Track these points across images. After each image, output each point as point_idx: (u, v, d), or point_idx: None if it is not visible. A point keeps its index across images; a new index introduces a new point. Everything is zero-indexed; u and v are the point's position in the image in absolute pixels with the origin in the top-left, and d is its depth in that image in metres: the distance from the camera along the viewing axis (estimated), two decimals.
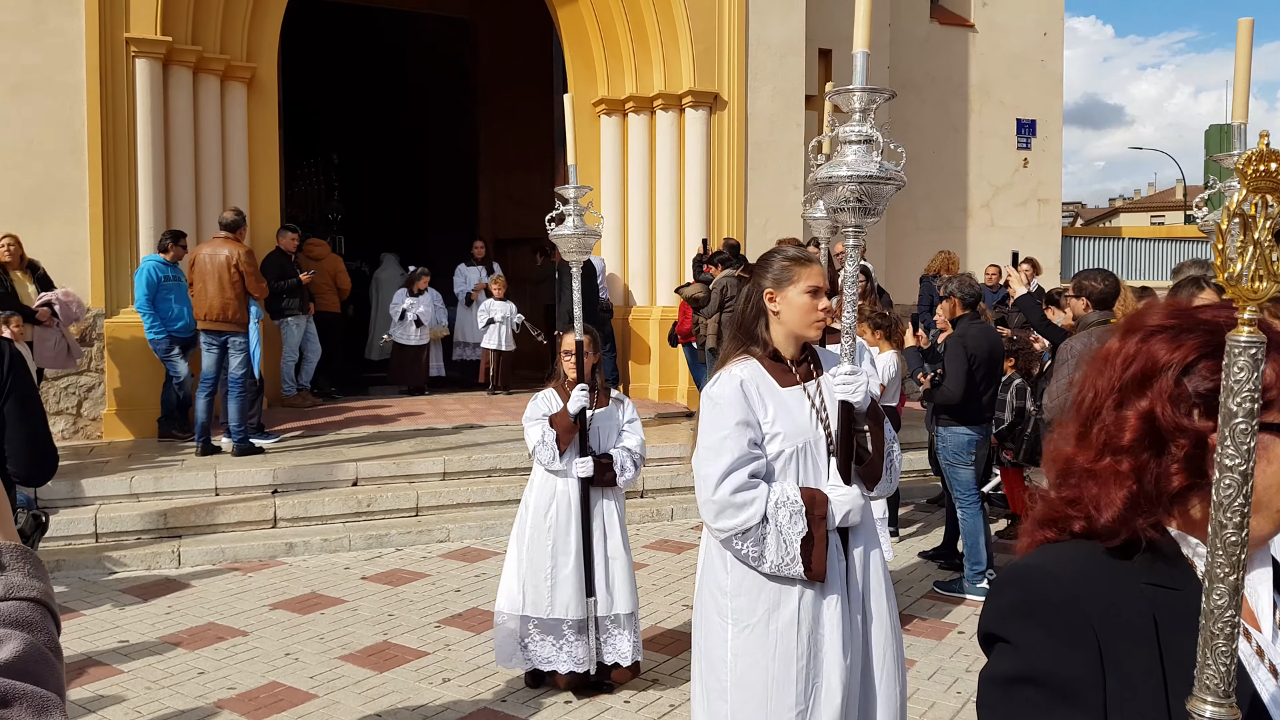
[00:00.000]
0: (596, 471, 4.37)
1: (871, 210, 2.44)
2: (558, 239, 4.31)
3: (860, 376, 2.63)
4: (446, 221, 17.57)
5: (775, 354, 2.75)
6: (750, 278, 2.84)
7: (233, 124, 9.42)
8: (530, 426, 4.41)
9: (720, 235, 10.52)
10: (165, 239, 8.22)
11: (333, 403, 10.59)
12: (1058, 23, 14.58)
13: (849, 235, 2.53)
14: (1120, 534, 1.15)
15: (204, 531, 6.90)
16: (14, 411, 2.83)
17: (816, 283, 2.72)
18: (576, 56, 11.14)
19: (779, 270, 2.74)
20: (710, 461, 2.61)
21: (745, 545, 2.59)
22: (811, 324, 2.72)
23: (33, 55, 8.22)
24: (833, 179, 2.43)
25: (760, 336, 2.76)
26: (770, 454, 2.66)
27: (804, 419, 2.70)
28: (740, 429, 2.61)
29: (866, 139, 2.42)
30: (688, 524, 7.71)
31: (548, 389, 4.54)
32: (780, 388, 2.71)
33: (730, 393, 2.65)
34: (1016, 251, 11.11)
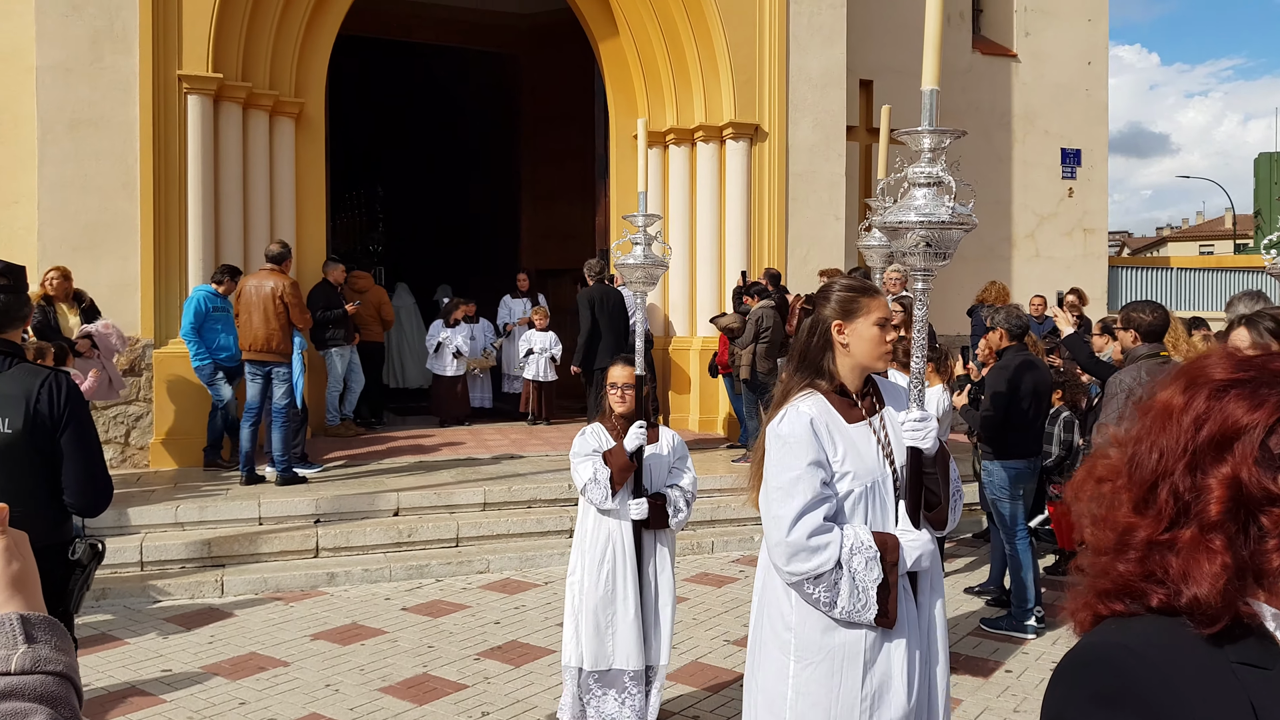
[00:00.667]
0: (651, 513, 4.15)
1: (942, 254, 2.39)
2: (623, 269, 4.14)
3: (931, 422, 2.58)
4: (490, 253, 17.74)
5: (841, 388, 2.69)
6: (813, 308, 2.77)
7: (281, 158, 9.60)
8: (579, 463, 4.17)
9: (761, 266, 10.51)
10: (221, 273, 8.38)
11: (374, 432, 10.69)
12: (1102, 52, 14.48)
13: (918, 279, 2.48)
14: (1222, 617, 1.05)
15: (247, 561, 6.95)
16: (71, 443, 2.88)
17: (885, 314, 2.68)
18: (618, 90, 11.23)
19: (847, 302, 2.68)
20: (782, 503, 2.55)
21: (818, 590, 2.53)
22: (880, 355, 2.68)
23: (89, 93, 8.44)
24: (902, 224, 2.37)
25: (826, 369, 2.70)
26: (839, 493, 2.60)
27: (872, 457, 2.65)
28: (813, 469, 2.55)
29: (936, 181, 2.36)
30: (728, 557, 7.65)
31: (594, 424, 4.34)
32: (846, 424, 2.65)
33: (801, 431, 2.58)
34: (1061, 292, 10.99)
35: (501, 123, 16.39)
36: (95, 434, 3.02)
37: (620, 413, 4.24)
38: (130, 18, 8.50)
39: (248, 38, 9.11)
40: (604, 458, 4.12)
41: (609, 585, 4.13)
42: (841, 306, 2.68)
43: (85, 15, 8.41)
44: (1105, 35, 14.50)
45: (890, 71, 12.34)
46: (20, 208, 8.85)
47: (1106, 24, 14.47)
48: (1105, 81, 14.51)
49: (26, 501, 2.87)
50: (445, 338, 11.32)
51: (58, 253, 8.31)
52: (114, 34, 8.48)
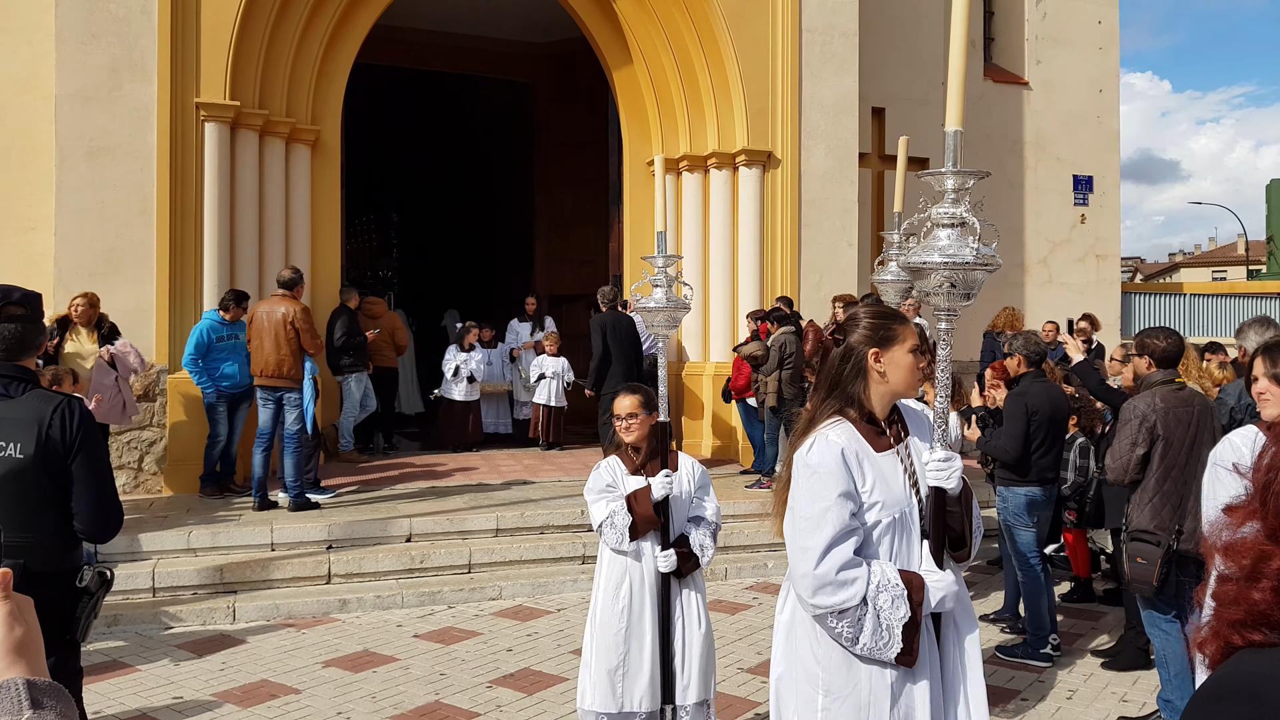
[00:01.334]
0: (679, 561, 3.89)
1: (965, 295, 2.38)
2: (644, 312, 4.02)
3: (956, 461, 2.54)
4: (505, 278, 17.81)
5: (870, 416, 2.65)
6: (844, 336, 2.73)
7: (296, 185, 9.67)
8: (595, 501, 3.95)
9: (774, 291, 10.51)
10: (228, 298, 8.40)
11: (387, 458, 10.70)
12: (1113, 79, 14.50)
13: (941, 319, 2.47)
14: None
15: (259, 587, 6.94)
16: (83, 469, 2.89)
17: (916, 341, 2.66)
18: (632, 117, 11.29)
19: (882, 329, 2.65)
20: (810, 534, 2.51)
21: (841, 625, 2.50)
22: (914, 384, 2.67)
23: (108, 121, 8.53)
24: (926, 265, 2.37)
25: (857, 398, 2.65)
26: (867, 523, 2.56)
27: (899, 486, 2.61)
28: (842, 501, 2.51)
29: (960, 222, 2.36)
30: (742, 584, 7.60)
31: (610, 457, 4.09)
32: (875, 453, 2.61)
33: (832, 462, 2.54)
34: (1072, 319, 10.97)
35: (516, 149, 16.49)
36: (107, 460, 3.02)
37: (630, 442, 4.04)
38: (149, 46, 8.60)
39: (265, 66, 9.20)
40: (629, 503, 3.89)
41: (623, 622, 3.89)
42: (877, 334, 2.65)
43: (104, 44, 8.52)
44: (1116, 63, 14.53)
45: (902, 100, 12.37)
46: (37, 234, 8.92)
47: (1117, 52, 14.50)
48: (1116, 109, 14.52)
49: (36, 527, 2.87)
50: (462, 361, 11.15)
51: (74, 279, 8.37)
52: (133, 62, 8.58)
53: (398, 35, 13.05)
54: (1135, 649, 5.77)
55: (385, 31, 11.30)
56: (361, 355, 10.00)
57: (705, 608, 4.02)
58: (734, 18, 10.50)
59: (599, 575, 4.03)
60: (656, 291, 3.99)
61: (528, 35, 14.36)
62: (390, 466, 10.05)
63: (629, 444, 4.06)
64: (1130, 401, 5.07)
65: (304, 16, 9.42)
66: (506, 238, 17.53)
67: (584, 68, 13.06)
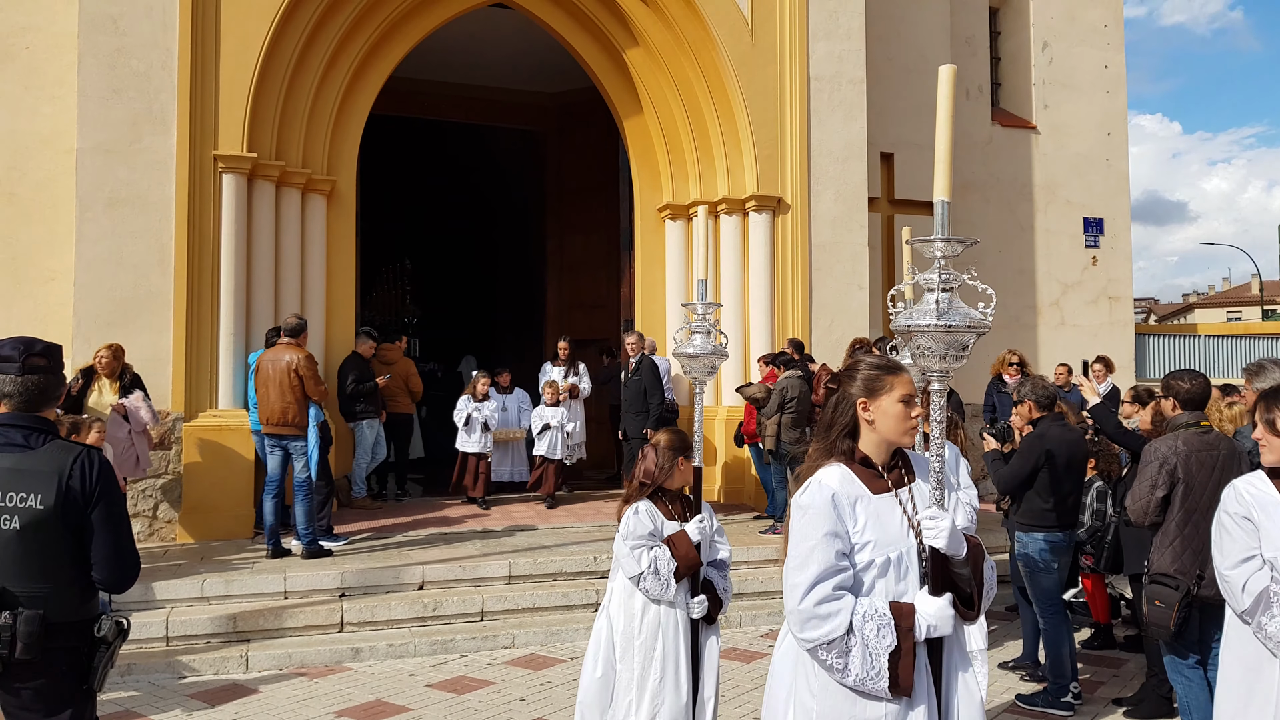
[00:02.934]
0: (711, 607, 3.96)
1: (956, 356, 2.50)
2: (682, 358, 4.08)
3: (944, 520, 2.60)
4: (517, 323, 17.92)
5: (865, 460, 2.77)
6: (838, 385, 2.88)
7: (312, 234, 9.78)
8: (636, 548, 3.89)
9: (785, 335, 10.54)
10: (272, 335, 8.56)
11: (399, 504, 10.70)
12: (1121, 123, 14.59)
13: (934, 380, 2.57)
14: None
15: (272, 635, 6.92)
16: (102, 519, 2.91)
17: (909, 391, 2.75)
18: (642, 164, 11.41)
19: (871, 379, 2.77)
20: (797, 571, 2.63)
21: (830, 656, 2.59)
22: (905, 431, 2.75)
23: (128, 173, 8.67)
24: (912, 328, 2.49)
25: (851, 444, 2.79)
26: (860, 564, 2.65)
27: (895, 527, 2.69)
28: (828, 540, 2.62)
29: (948, 287, 2.49)
30: (757, 631, 7.54)
31: (642, 501, 4.02)
32: (871, 494, 2.71)
33: (820, 503, 2.66)
34: (1087, 361, 10.95)
35: (528, 197, 16.68)
36: (125, 511, 3.05)
37: (677, 487, 4.07)
38: (169, 100, 8.76)
39: (282, 118, 9.35)
40: (671, 548, 3.88)
41: (658, 672, 3.87)
42: (866, 384, 2.77)
43: (125, 98, 8.68)
44: (1124, 107, 14.62)
45: (910, 145, 12.47)
46: (56, 284, 9.04)
47: (1125, 96, 14.60)
48: (1125, 152, 14.59)
49: (55, 577, 2.89)
50: (474, 410, 10.50)
51: (92, 328, 8.46)
52: (153, 116, 8.74)
53: (411, 87, 13.26)
54: (1158, 696, 5.69)
55: (399, 83, 11.49)
56: (373, 401, 10.03)
57: (718, 641, 4.11)
58: (742, 67, 10.64)
59: (619, 620, 3.97)
60: (696, 338, 4.09)
61: (538, 85, 14.58)
62: (403, 512, 10.05)
63: (675, 489, 4.09)
64: (1152, 444, 5.05)
65: (320, 70, 9.60)
66: (518, 283, 17.67)
67: (594, 117, 13.23)
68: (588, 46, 11.10)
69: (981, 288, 2.55)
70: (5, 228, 9.11)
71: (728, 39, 10.58)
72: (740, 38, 10.64)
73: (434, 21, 10.39)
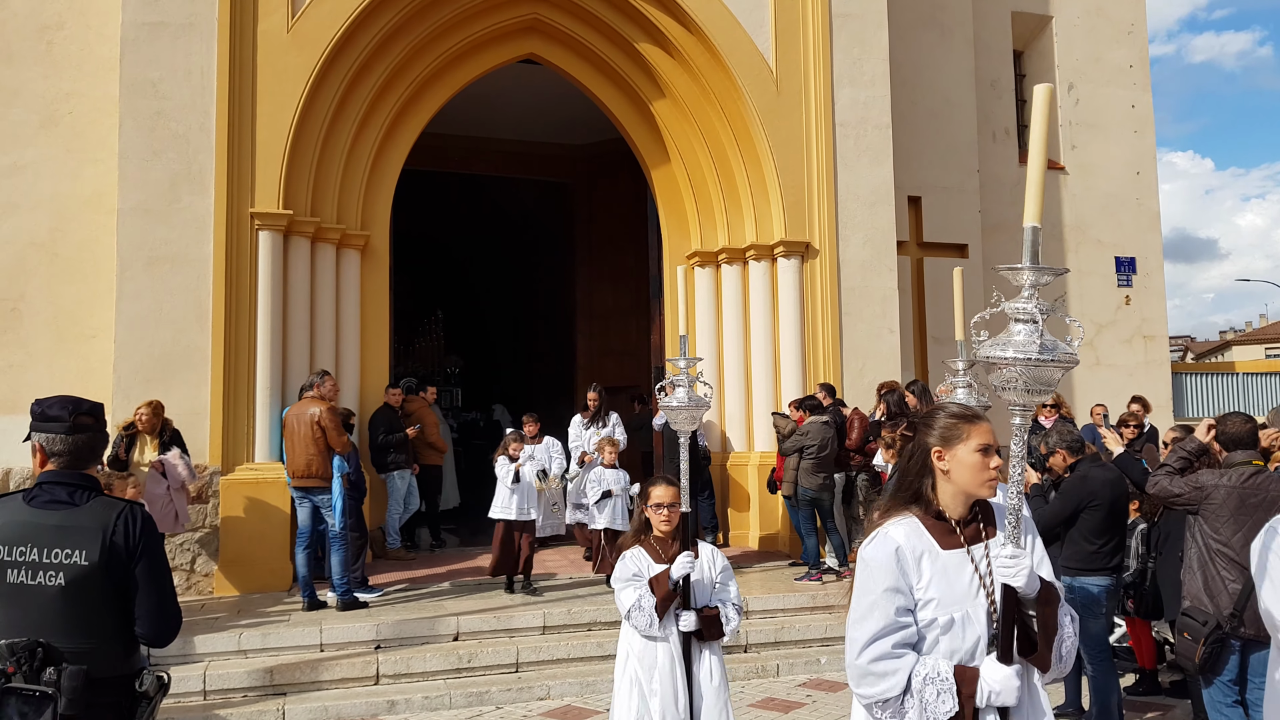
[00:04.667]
0: (704, 624, 4.08)
1: (1040, 391, 2.38)
2: (667, 410, 4.33)
3: (1024, 559, 2.48)
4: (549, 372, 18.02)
5: (939, 513, 2.66)
6: (914, 434, 2.77)
7: (347, 288, 9.94)
8: (623, 589, 4.13)
9: (816, 379, 10.52)
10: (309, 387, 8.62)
11: (433, 554, 10.70)
12: (1150, 162, 14.55)
13: (1015, 414, 2.45)
14: None
15: (308, 688, 6.92)
16: (145, 575, 2.95)
17: (987, 440, 2.63)
18: (670, 213, 11.51)
19: (947, 428, 2.67)
20: (856, 626, 2.56)
21: (885, 715, 2.53)
22: (983, 483, 2.62)
23: (167, 232, 8.86)
24: (992, 359, 2.38)
25: (925, 495, 2.67)
26: (922, 621, 2.54)
27: (963, 585, 2.57)
28: (888, 595, 2.53)
29: (1033, 319, 2.37)
30: (794, 680, 7.44)
31: (634, 547, 4.25)
32: (941, 549, 2.60)
33: (883, 556, 2.58)
34: (1106, 413, 10.87)
35: (559, 246, 16.86)
36: (167, 566, 3.09)
37: (667, 532, 4.20)
38: (207, 161, 8.97)
39: (317, 175, 9.55)
40: (650, 585, 4.06)
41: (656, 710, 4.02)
42: (942, 433, 2.67)
43: (165, 160, 8.91)
44: (1152, 146, 14.59)
45: (937, 188, 12.51)
46: (97, 341, 9.23)
47: (1153, 135, 14.58)
48: (1155, 190, 14.54)
49: (99, 633, 2.93)
50: (521, 468, 8.76)
51: (132, 384, 8.61)
52: (191, 176, 8.95)
53: (443, 142, 13.51)
54: None
55: (431, 139, 11.70)
56: (404, 452, 10.08)
57: (722, 664, 4.18)
58: (768, 115, 10.74)
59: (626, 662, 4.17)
60: (679, 391, 4.30)
61: (567, 138, 14.81)
62: (437, 563, 10.05)
63: (664, 534, 4.23)
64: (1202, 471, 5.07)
65: (353, 129, 9.82)
66: (550, 331, 17.78)
67: (622, 168, 13.39)
68: (615, 99, 11.26)
69: (1070, 320, 2.45)
70: (48, 286, 9.33)
71: (753, 88, 10.70)
72: (765, 86, 10.76)
73: (464, 79, 10.61)
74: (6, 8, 9.53)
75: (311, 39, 9.34)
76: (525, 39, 10.79)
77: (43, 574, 2.87)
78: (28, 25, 9.55)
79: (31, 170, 9.40)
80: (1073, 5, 14.34)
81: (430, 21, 10.06)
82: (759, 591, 8.55)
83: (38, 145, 9.44)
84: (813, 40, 10.90)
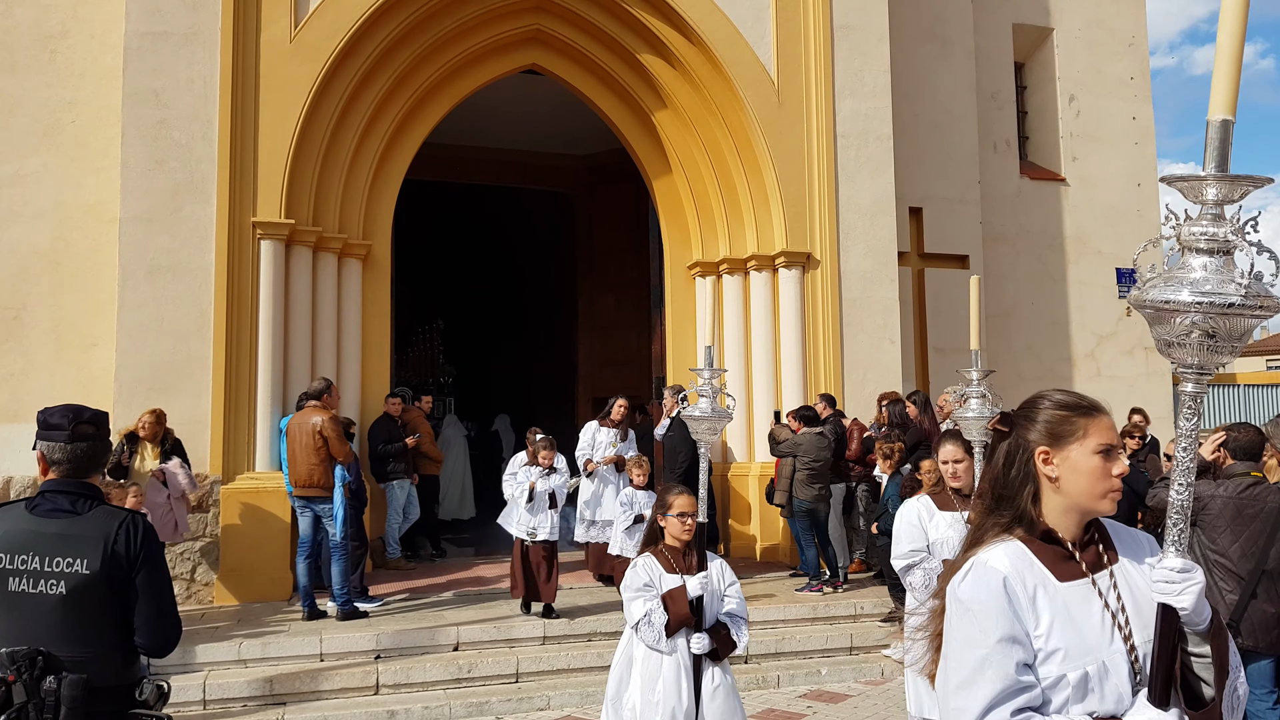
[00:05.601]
0: (716, 642, 4.04)
1: (1227, 348, 1.78)
2: (690, 420, 4.29)
3: (1196, 574, 1.87)
4: (549, 382, 18.02)
5: (1048, 534, 2.06)
6: (1009, 430, 2.17)
7: (348, 297, 9.95)
8: (633, 600, 4.05)
9: (817, 390, 10.52)
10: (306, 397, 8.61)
11: (434, 564, 10.68)
12: (1150, 173, 14.57)
13: (1188, 380, 1.85)
14: None
15: (308, 698, 6.91)
16: (145, 584, 2.95)
17: (1109, 439, 2.05)
18: (671, 223, 11.52)
19: (1057, 422, 2.08)
20: (962, 691, 1.93)
21: None
22: (1103, 494, 2.04)
23: (168, 241, 8.88)
24: (1168, 305, 1.77)
25: (1027, 511, 2.08)
26: (1046, 678, 1.92)
27: (1093, 628, 1.97)
28: (1004, 648, 1.92)
29: (1224, 248, 1.74)
30: (795, 692, 7.42)
31: (645, 556, 4.19)
32: (1058, 582, 2.00)
33: (987, 595, 1.96)
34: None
35: (560, 256, 16.89)
36: (168, 576, 3.09)
37: (684, 541, 4.16)
38: (209, 171, 8.99)
39: (318, 185, 9.57)
40: (664, 601, 4.02)
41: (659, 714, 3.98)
42: (1049, 429, 2.09)
43: (167, 169, 8.92)
44: (1153, 157, 14.62)
45: (939, 199, 12.53)
46: (99, 350, 9.23)
47: (1154, 147, 14.60)
48: (1156, 202, 14.55)
49: (99, 642, 2.92)
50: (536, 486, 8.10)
51: (133, 393, 8.61)
52: (193, 186, 8.97)
53: (444, 152, 13.53)
54: None
55: (432, 149, 11.73)
56: (403, 461, 10.06)
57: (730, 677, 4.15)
58: (769, 126, 10.77)
59: (630, 669, 4.12)
60: (702, 401, 4.22)
61: (569, 148, 14.84)
62: (437, 573, 10.04)
63: (681, 543, 4.16)
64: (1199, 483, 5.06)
65: (355, 139, 9.84)
66: (551, 341, 17.80)
67: (623, 178, 13.42)
68: (616, 109, 11.29)
69: (1265, 250, 1.77)
70: (50, 295, 9.34)
71: (754, 99, 10.73)
72: (767, 98, 10.79)
73: (465, 89, 10.64)
74: (10, 17, 9.56)
75: (314, 49, 9.36)
76: (527, 49, 10.82)
77: (44, 583, 2.86)
78: (31, 34, 9.58)
79: (34, 179, 9.42)
80: (1074, 17, 14.37)
81: (433, 32, 10.09)
82: (761, 603, 8.53)
83: (40, 154, 9.46)
84: (814, 52, 10.92)
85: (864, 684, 7.54)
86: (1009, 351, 13.08)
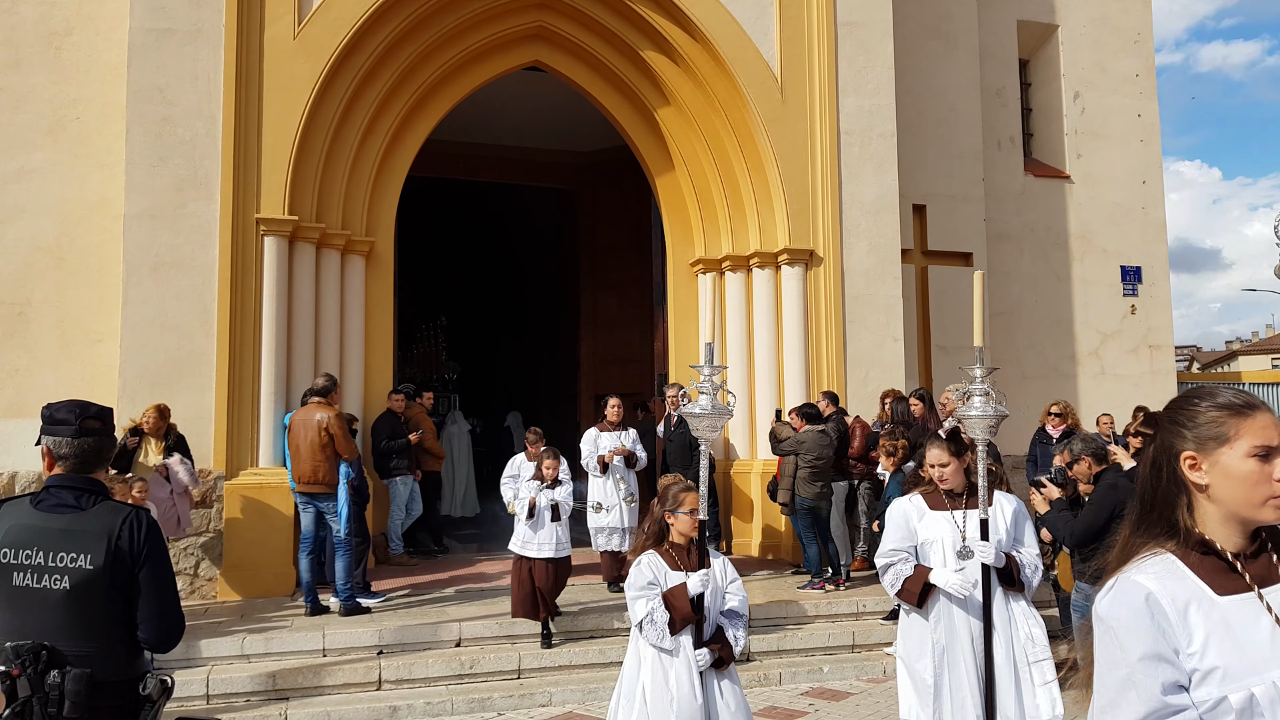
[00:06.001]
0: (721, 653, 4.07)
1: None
2: (690, 417, 4.29)
3: None
4: (551, 379, 18.04)
5: (1204, 544, 1.90)
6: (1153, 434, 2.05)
7: (351, 294, 9.96)
8: (636, 598, 4.06)
9: (820, 387, 10.51)
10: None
11: (437, 560, 10.70)
12: (1156, 171, 14.54)
13: None
14: None
15: (310, 693, 6.93)
16: (148, 579, 2.96)
17: (1266, 439, 1.87)
18: (674, 220, 11.52)
19: (1206, 424, 1.92)
20: (1108, 715, 1.82)
21: None
22: (1264, 501, 1.86)
23: (172, 237, 8.89)
24: None
25: (1180, 521, 1.92)
26: (1204, 701, 1.77)
27: (1259, 645, 1.79)
28: (1147, 666, 1.78)
29: None
30: (797, 689, 7.43)
31: (649, 553, 4.20)
32: (1217, 596, 1.83)
33: (1128, 612, 1.82)
34: (1112, 424, 10.84)
35: (562, 253, 16.89)
36: (171, 571, 3.10)
37: (689, 539, 4.17)
38: (213, 167, 9.00)
39: (322, 182, 9.58)
40: (666, 600, 4.03)
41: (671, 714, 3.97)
42: (1195, 431, 1.93)
43: (171, 166, 8.94)
44: (1158, 155, 14.58)
45: (943, 196, 12.52)
46: (103, 346, 9.25)
47: (1159, 144, 14.56)
48: (1161, 200, 14.52)
49: (103, 637, 2.93)
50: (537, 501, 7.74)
51: (137, 389, 8.63)
52: (197, 182, 8.98)
53: (447, 149, 13.54)
54: None
55: (436, 145, 11.74)
56: (406, 458, 10.08)
57: (739, 687, 4.16)
58: (772, 123, 10.76)
59: (639, 667, 4.11)
60: (702, 399, 4.22)
61: (571, 145, 14.84)
62: (439, 569, 10.06)
63: (686, 540, 4.18)
64: None
65: (359, 135, 9.85)
66: (553, 338, 17.82)
67: (626, 175, 13.42)
68: (619, 106, 11.29)
69: None
70: (54, 291, 9.36)
71: (757, 96, 10.72)
72: (770, 94, 10.78)
73: (469, 86, 10.64)
74: (15, 14, 9.57)
75: (317, 46, 9.37)
76: (530, 46, 10.82)
77: (48, 577, 2.88)
78: (36, 31, 9.59)
79: (38, 175, 9.43)
80: (1079, 14, 14.34)
81: (436, 29, 10.09)
82: (761, 600, 8.54)
83: (45, 151, 9.47)
84: (818, 48, 10.91)
85: (866, 682, 7.55)
86: (1013, 349, 13.07)
